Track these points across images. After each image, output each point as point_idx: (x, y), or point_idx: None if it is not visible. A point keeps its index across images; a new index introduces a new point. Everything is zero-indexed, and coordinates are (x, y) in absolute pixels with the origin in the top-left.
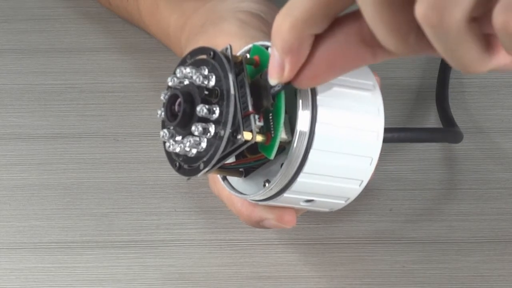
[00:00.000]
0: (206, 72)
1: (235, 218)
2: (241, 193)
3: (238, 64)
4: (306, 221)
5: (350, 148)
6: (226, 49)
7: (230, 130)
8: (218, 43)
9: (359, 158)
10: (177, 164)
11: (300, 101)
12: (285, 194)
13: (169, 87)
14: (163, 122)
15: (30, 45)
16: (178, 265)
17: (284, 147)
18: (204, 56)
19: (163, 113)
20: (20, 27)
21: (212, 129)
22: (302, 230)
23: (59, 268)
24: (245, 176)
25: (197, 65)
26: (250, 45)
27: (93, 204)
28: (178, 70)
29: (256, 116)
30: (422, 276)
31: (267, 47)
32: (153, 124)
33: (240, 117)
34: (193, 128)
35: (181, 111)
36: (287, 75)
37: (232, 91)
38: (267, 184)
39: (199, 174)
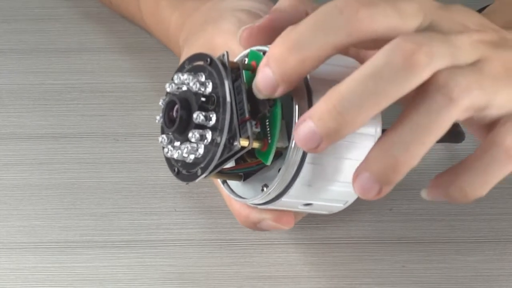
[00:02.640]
0: (203, 78)
1: (235, 218)
2: (240, 196)
3: (235, 70)
4: (306, 221)
5: (347, 152)
6: (223, 55)
7: (227, 137)
8: (217, 42)
9: (357, 162)
10: (176, 169)
11: (297, 106)
12: (283, 199)
13: (167, 93)
14: (162, 127)
15: (30, 45)
16: (178, 265)
17: (281, 152)
18: (201, 62)
19: (161, 119)
20: (20, 27)
21: (209, 135)
22: (302, 230)
23: (59, 268)
24: (244, 180)
25: (194, 71)
26: (248, 50)
27: (93, 204)
28: (175, 76)
29: (253, 123)
30: (422, 276)
31: (264, 52)
32: (153, 124)
33: (237, 123)
34: (190, 134)
35: (178, 118)
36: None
37: (228, 99)
38: (265, 189)
39: (197, 180)
